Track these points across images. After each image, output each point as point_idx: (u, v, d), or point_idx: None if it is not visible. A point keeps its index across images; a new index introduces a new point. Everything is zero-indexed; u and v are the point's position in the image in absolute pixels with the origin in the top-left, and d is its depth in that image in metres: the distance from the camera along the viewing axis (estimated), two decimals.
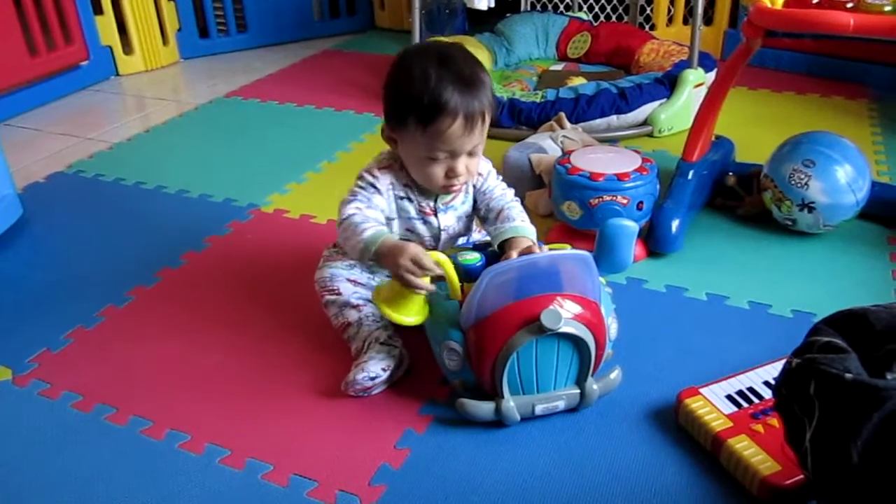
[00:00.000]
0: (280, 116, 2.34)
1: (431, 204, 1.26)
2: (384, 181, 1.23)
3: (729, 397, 1.10)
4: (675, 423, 1.10)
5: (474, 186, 1.29)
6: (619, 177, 1.44)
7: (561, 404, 1.09)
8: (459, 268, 1.08)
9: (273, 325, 1.36)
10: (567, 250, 1.07)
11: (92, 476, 1.05)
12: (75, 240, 1.66)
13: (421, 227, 1.27)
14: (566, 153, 1.56)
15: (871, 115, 2.19)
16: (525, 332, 1.00)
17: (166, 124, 2.31)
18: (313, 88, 2.55)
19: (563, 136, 1.77)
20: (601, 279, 1.12)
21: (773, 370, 1.15)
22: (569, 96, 2.06)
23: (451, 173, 1.17)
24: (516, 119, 2.07)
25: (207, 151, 2.10)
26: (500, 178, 1.33)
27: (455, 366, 1.08)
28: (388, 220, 1.25)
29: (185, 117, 2.36)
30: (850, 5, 1.29)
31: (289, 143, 2.13)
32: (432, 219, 1.26)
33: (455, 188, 1.20)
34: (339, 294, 1.29)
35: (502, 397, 1.05)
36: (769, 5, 1.34)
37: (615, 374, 1.11)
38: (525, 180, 1.69)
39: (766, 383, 1.12)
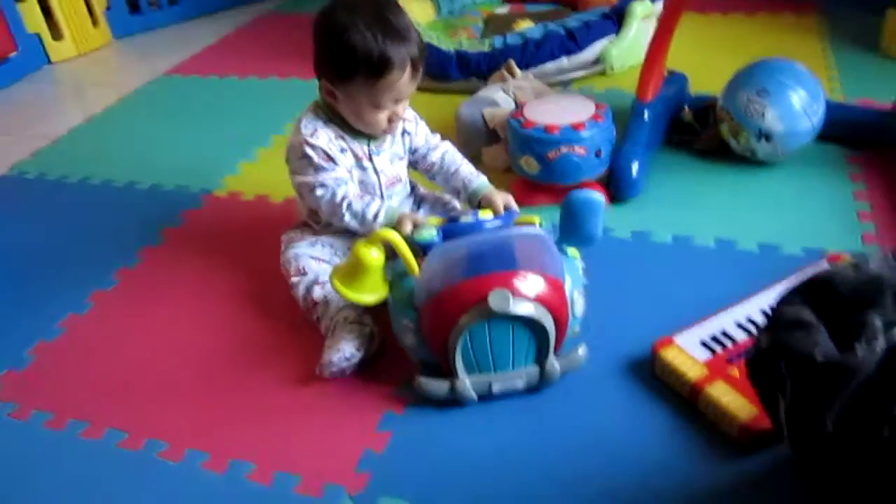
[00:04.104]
0: (223, 91, 2.27)
1: (365, 148, 1.28)
2: (324, 141, 1.24)
3: (703, 343, 1.10)
4: (652, 374, 1.11)
5: (407, 133, 1.33)
6: (575, 127, 1.42)
7: (520, 383, 1.07)
8: (415, 245, 1.06)
9: (239, 316, 1.33)
10: (522, 228, 1.04)
11: (74, 495, 1.04)
12: (25, 248, 1.61)
13: (360, 175, 1.29)
14: (519, 105, 1.53)
15: (821, 31, 2.17)
16: (475, 312, 0.98)
17: (107, 111, 2.22)
18: (254, 58, 2.47)
19: (515, 86, 1.73)
20: (575, 251, 1.10)
21: (743, 310, 1.16)
22: (516, 42, 2.01)
23: (393, 117, 1.23)
24: (465, 71, 2.02)
25: (153, 136, 2.03)
26: (427, 128, 1.38)
27: (411, 344, 1.07)
28: None
29: (124, 102, 2.27)
30: None
31: (235, 120, 2.07)
32: (367, 163, 1.28)
33: (393, 129, 1.27)
34: (305, 273, 1.28)
35: (457, 376, 1.04)
36: None
37: (580, 352, 1.08)
38: (480, 136, 1.66)
39: (739, 324, 1.13)
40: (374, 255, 1.06)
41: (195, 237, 1.56)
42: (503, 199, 1.26)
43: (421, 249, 1.06)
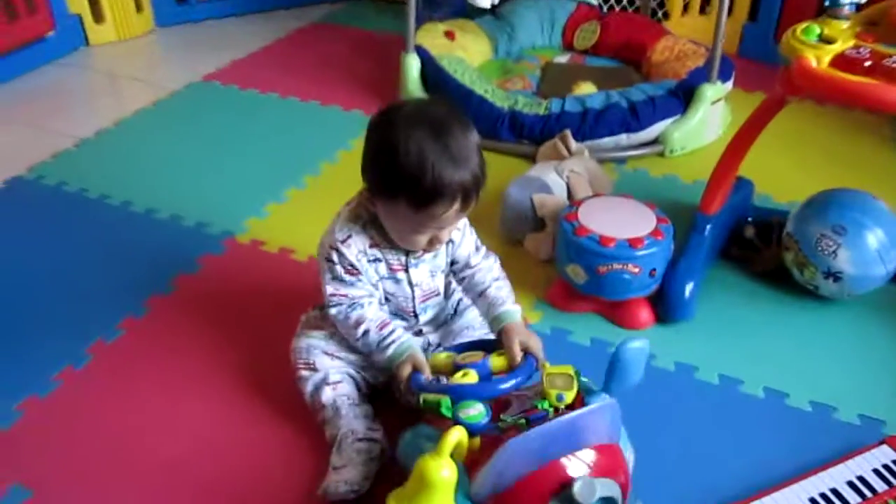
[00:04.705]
0: (261, 110, 2.16)
1: (402, 259, 1.16)
2: (353, 252, 1.12)
3: None
4: None
5: (451, 241, 1.19)
6: (632, 243, 1.31)
7: None
8: (462, 425, 0.92)
9: (239, 399, 1.24)
10: (594, 405, 0.91)
11: None
12: (27, 275, 1.51)
13: (392, 287, 1.17)
14: (573, 205, 1.42)
15: (893, 137, 2.04)
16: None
17: (137, 115, 2.11)
18: (299, 73, 2.36)
19: (570, 169, 1.62)
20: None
21: (791, 495, 1.06)
22: (575, 109, 1.89)
23: (435, 240, 1.10)
24: (517, 133, 1.91)
25: (180, 155, 1.93)
26: (478, 241, 1.23)
27: None
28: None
29: (157, 107, 2.16)
30: None
31: (270, 148, 1.96)
32: (402, 275, 1.16)
33: (435, 249, 1.14)
34: (315, 370, 1.19)
35: None
36: (814, 64, 1.18)
37: None
38: (526, 221, 1.55)
39: None
40: (445, 475, 0.86)
41: (209, 291, 1.47)
42: (522, 342, 1.08)
43: (467, 430, 0.93)
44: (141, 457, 1.14)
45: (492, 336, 1.16)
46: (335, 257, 1.11)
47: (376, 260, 1.14)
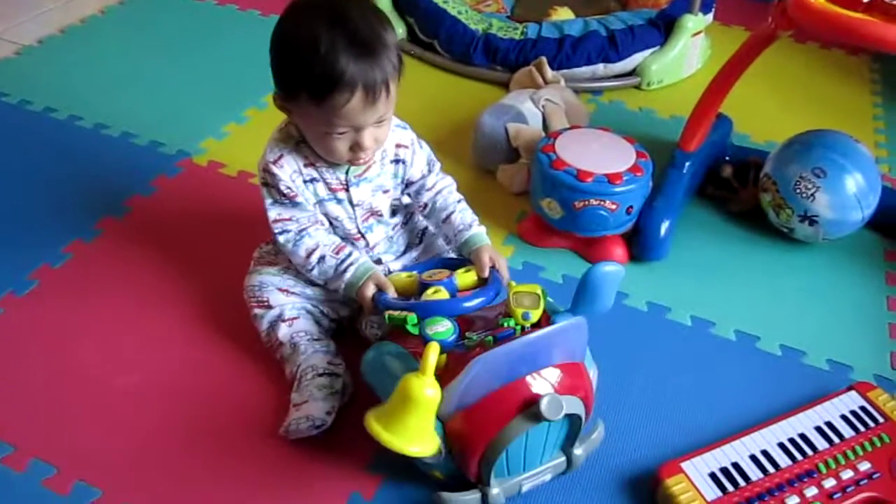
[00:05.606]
0: (219, 22, 2.03)
1: (342, 177, 1.09)
2: (287, 172, 1.06)
3: (713, 476, 0.99)
4: (653, 499, 1.00)
5: (402, 162, 1.13)
6: (610, 178, 1.26)
7: (548, 476, 0.97)
8: (429, 341, 0.89)
9: (196, 330, 1.18)
10: (561, 324, 0.89)
11: None
12: None
13: (334, 208, 1.11)
14: (550, 136, 1.36)
15: (873, 79, 2.00)
16: (520, 420, 0.86)
17: (86, 24, 1.97)
18: None
19: (546, 99, 1.55)
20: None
21: (760, 440, 1.05)
22: (552, 35, 1.81)
23: (356, 147, 1.02)
24: (491, 58, 1.83)
25: (132, 68, 1.81)
26: (431, 156, 1.18)
27: (433, 458, 0.91)
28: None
29: (107, 14, 2.02)
30: None
31: (228, 64, 1.85)
32: (343, 194, 1.10)
33: (362, 161, 1.06)
34: (269, 307, 1.13)
35: (488, 485, 0.91)
36: None
37: (598, 432, 0.99)
38: (500, 151, 1.49)
39: (753, 457, 1.02)
40: (429, 394, 0.83)
41: (164, 214, 1.39)
42: (489, 259, 1.07)
43: (426, 343, 0.90)
44: (92, 390, 1.08)
45: (453, 255, 1.16)
46: (270, 179, 1.06)
47: (313, 180, 1.08)
